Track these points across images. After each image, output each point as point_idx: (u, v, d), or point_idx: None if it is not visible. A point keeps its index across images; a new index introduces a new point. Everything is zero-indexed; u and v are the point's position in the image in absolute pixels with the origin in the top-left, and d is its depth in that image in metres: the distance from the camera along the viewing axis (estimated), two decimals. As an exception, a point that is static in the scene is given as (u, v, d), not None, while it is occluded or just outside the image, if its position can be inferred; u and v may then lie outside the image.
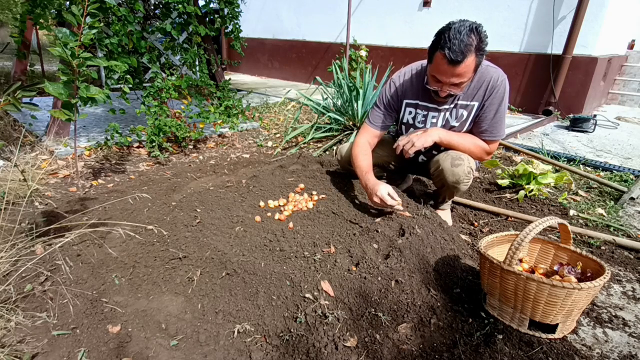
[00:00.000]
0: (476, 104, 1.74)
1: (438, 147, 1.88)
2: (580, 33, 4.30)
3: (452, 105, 1.78)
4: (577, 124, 4.11)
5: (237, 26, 3.66)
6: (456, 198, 2.33)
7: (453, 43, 1.47)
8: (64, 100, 1.89)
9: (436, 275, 1.51)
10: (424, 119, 1.84)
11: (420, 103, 1.83)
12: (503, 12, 4.86)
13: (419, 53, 5.32)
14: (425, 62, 1.74)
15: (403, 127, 1.96)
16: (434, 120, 1.83)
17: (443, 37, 1.50)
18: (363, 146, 1.91)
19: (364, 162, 1.84)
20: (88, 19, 1.90)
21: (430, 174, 1.89)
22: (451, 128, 1.82)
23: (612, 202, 2.38)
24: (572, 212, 2.24)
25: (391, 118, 1.94)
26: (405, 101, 1.88)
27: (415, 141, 1.71)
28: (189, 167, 2.87)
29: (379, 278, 1.42)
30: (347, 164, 2.08)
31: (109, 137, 2.90)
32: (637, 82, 5.55)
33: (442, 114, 1.80)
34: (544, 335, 1.28)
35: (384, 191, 1.66)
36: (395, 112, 1.93)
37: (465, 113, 1.77)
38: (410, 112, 1.88)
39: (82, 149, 2.94)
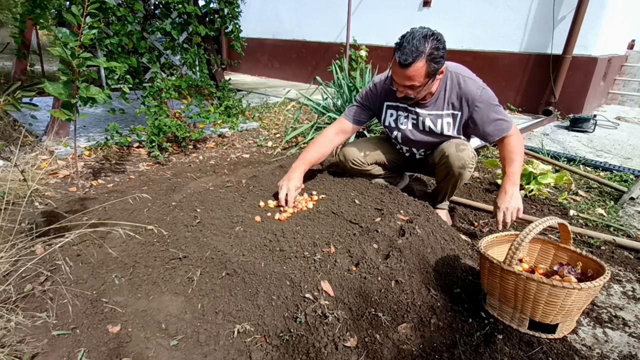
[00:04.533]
0: (459, 113, 1.80)
1: (434, 146, 1.94)
2: (580, 33, 4.30)
3: (434, 112, 1.82)
4: (577, 124, 4.11)
5: (237, 26, 3.65)
6: (456, 198, 2.33)
7: (404, 47, 1.55)
8: (64, 100, 1.89)
9: (436, 275, 1.51)
10: (405, 120, 1.90)
11: (400, 105, 1.87)
12: (503, 12, 4.86)
13: (419, 53, 5.30)
14: None
15: (387, 129, 2.00)
16: (414, 122, 1.88)
17: (400, 40, 1.58)
18: (324, 138, 2.00)
19: (312, 152, 1.97)
20: (88, 19, 1.90)
21: (435, 164, 1.92)
22: (431, 132, 1.87)
23: (612, 202, 2.39)
24: (572, 212, 2.24)
25: (366, 115, 1.99)
26: (386, 103, 1.92)
27: (518, 206, 1.67)
28: (189, 167, 2.87)
29: (379, 278, 1.42)
30: (349, 164, 2.10)
31: (109, 137, 2.90)
32: (637, 82, 5.55)
33: (422, 119, 1.85)
34: (544, 335, 1.28)
35: (284, 186, 1.85)
36: (372, 111, 1.98)
37: (450, 121, 1.83)
38: (391, 115, 1.93)
39: (82, 149, 2.94)
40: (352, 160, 2.08)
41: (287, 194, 1.83)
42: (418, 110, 1.84)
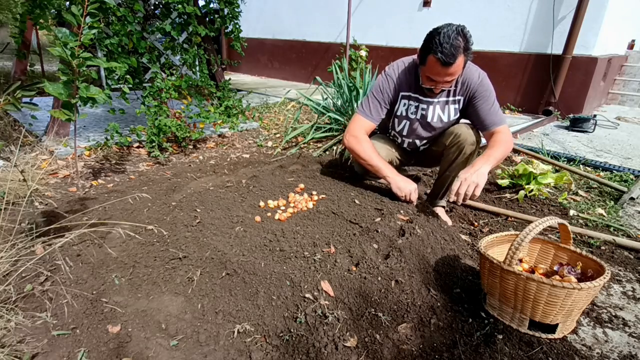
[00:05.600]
0: (462, 98, 1.89)
1: (437, 137, 2.02)
2: (580, 33, 4.30)
3: (442, 99, 1.90)
4: (577, 124, 4.11)
5: (237, 26, 3.65)
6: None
7: (444, 47, 1.59)
8: (64, 100, 1.89)
9: (436, 275, 1.51)
10: (415, 110, 1.96)
11: (412, 95, 1.94)
12: (503, 12, 4.86)
13: (419, 53, 5.31)
14: (415, 56, 1.85)
15: (396, 119, 2.04)
16: (424, 112, 1.94)
17: (434, 41, 1.62)
18: (368, 140, 1.99)
19: (379, 155, 1.97)
20: (88, 19, 1.90)
21: (444, 147, 1.95)
22: (439, 120, 1.94)
23: (612, 202, 2.38)
24: (572, 212, 2.24)
25: (385, 112, 2.02)
26: (401, 93, 1.97)
27: (477, 181, 1.66)
28: (189, 167, 2.87)
29: (379, 278, 1.42)
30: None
31: (109, 137, 2.90)
32: (637, 82, 5.55)
33: (433, 107, 1.92)
34: (544, 335, 1.28)
35: (411, 189, 1.90)
36: (391, 104, 2.01)
37: (457, 107, 1.92)
38: (404, 104, 1.98)
39: (82, 149, 2.94)
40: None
41: (413, 192, 1.92)
42: (429, 99, 1.90)
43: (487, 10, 4.97)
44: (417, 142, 2.05)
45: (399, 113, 2.00)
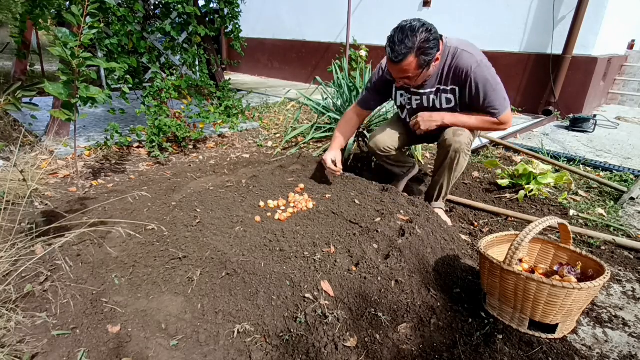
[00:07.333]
0: (457, 88, 1.84)
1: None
2: (580, 33, 4.30)
3: (434, 89, 1.89)
4: (577, 124, 4.11)
5: (237, 26, 3.65)
6: (456, 198, 2.33)
7: (394, 43, 1.63)
8: (64, 100, 1.88)
9: (436, 275, 1.51)
10: (409, 101, 2.00)
11: (405, 86, 1.96)
12: (503, 12, 4.86)
13: (419, 53, 5.30)
14: None
15: (399, 109, 2.11)
16: (418, 102, 1.97)
17: (390, 36, 1.65)
18: (349, 118, 2.18)
19: (341, 130, 2.16)
20: (88, 19, 1.90)
21: (437, 145, 1.98)
22: (435, 109, 1.95)
23: (612, 202, 2.38)
24: (572, 212, 2.24)
25: (376, 101, 2.12)
26: (395, 85, 2.00)
27: (421, 125, 1.89)
28: (189, 167, 2.87)
29: (379, 278, 1.42)
30: (378, 149, 2.13)
31: (109, 137, 2.90)
32: (637, 82, 5.55)
33: (426, 97, 1.92)
34: (544, 335, 1.28)
35: (328, 156, 2.03)
36: (382, 95, 2.09)
37: (450, 97, 1.88)
38: (401, 95, 2.02)
39: (82, 149, 2.94)
40: (383, 148, 2.12)
41: (334, 159, 2.02)
42: (420, 90, 1.91)
43: (487, 10, 4.96)
44: None
45: (398, 103, 2.06)
